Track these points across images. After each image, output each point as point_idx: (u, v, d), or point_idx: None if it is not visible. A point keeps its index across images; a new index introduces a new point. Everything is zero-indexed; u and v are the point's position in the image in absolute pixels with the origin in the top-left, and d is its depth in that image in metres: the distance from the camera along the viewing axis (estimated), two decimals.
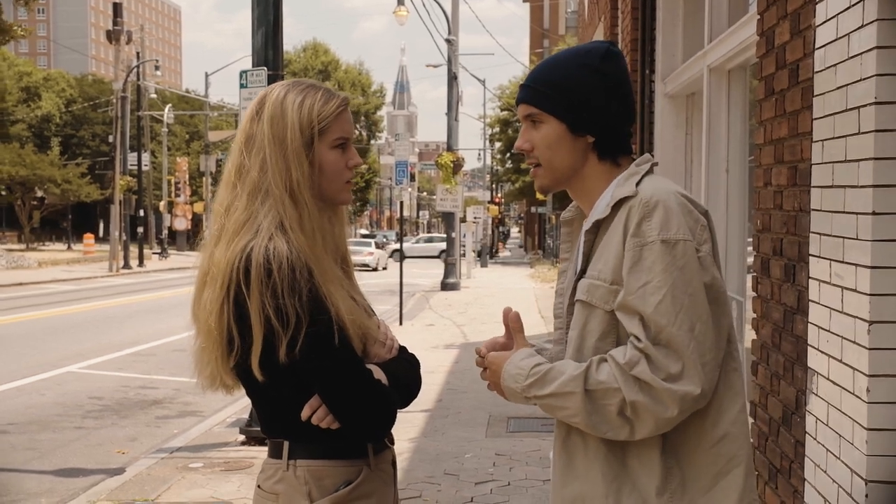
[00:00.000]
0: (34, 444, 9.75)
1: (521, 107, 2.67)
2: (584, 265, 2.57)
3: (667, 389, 2.31)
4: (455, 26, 34.24)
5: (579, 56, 2.62)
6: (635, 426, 2.36)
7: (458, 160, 32.66)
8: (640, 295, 2.36)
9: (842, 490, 3.50)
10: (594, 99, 2.56)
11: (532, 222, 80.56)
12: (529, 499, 7.31)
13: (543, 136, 2.61)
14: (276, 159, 2.60)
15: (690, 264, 2.38)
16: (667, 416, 2.34)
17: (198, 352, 2.68)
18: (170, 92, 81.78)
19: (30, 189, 65.89)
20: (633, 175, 2.55)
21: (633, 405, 2.33)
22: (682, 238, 2.39)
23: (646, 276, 2.37)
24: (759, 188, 4.78)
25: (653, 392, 2.32)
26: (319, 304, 2.50)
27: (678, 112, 8.39)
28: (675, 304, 2.34)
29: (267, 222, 2.55)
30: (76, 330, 19.74)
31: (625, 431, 2.38)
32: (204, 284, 2.62)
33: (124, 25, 44.48)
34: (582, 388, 2.38)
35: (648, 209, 2.41)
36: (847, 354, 3.45)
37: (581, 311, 2.51)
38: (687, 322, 2.34)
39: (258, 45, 9.75)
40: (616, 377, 2.35)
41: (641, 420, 2.35)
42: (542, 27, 73.98)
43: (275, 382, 2.58)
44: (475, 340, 17.67)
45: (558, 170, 2.63)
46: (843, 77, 3.51)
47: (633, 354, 2.35)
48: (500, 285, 35.12)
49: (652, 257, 2.37)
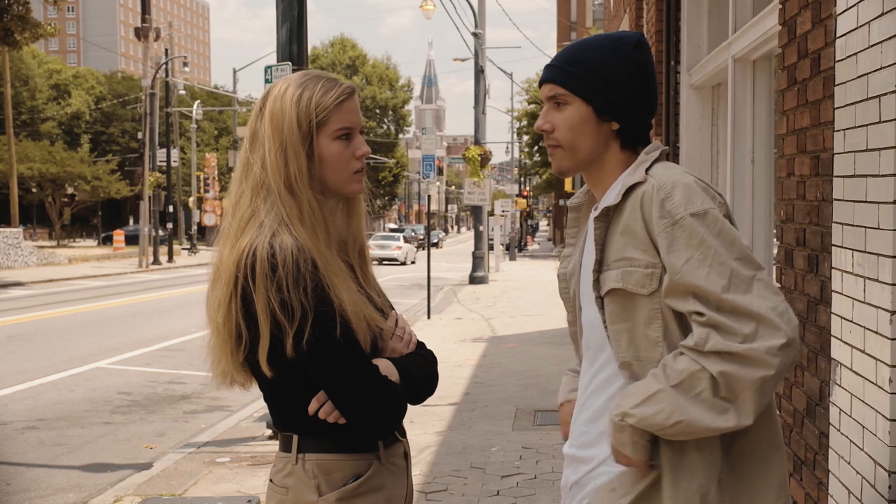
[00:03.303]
0: (63, 439, 9.80)
1: (546, 86, 2.64)
2: (600, 254, 2.54)
3: (748, 349, 2.25)
4: (482, 20, 34.22)
5: (611, 41, 2.60)
6: (737, 403, 2.29)
7: (485, 154, 32.68)
8: (687, 271, 2.33)
9: (865, 481, 3.47)
10: (623, 85, 2.55)
11: (560, 215, 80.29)
12: (556, 492, 7.29)
13: (567, 118, 2.59)
14: (274, 155, 2.60)
15: (725, 228, 2.36)
16: (762, 376, 2.25)
17: (212, 347, 2.69)
18: (198, 88, 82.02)
19: (60, 186, 66.36)
20: (643, 163, 2.53)
21: (722, 377, 2.26)
22: (709, 207, 2.37)
23: (686, 253, 2.34)
24: (782, 178, 4.75)
25: (736, 358, 2.26)
26: (324, 297, 2.50)
27: (703, 103, 8.35)
28: (724, 270, 2.31)
29: (269, 219, 2.55)
30: (106, 326, 19.85)
31: (730, 415, 2.29)
32: (215, 281, 2.63)
33: (153, 22, 44.59)
34: (667, 384, 2.33)
35: (667, 190, 2.39)
36: (869, 344, 3.42)
37: (619, 302, 2.48)
38: (742, 282, 2.30)
39: (283, 40, 9.77)
40: (694, 360, 2.30)
41: (739, 393, 2.27)
42: (570, 20, 73.79)
43: (283, 377, 2.58)
44: (503, 334, 17.67)
45: (580, 153, 2.61)
46: (864, 65, 3.48)
47: (700, 332, 2.30)
48: (528, 278, 35.05)
49: (686, 233, 2.34)
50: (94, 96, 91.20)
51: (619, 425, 2.41)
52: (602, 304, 2.54)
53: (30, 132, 79.12)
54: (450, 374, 12.67)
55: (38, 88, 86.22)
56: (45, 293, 28.22)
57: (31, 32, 30.36)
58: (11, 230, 40.33)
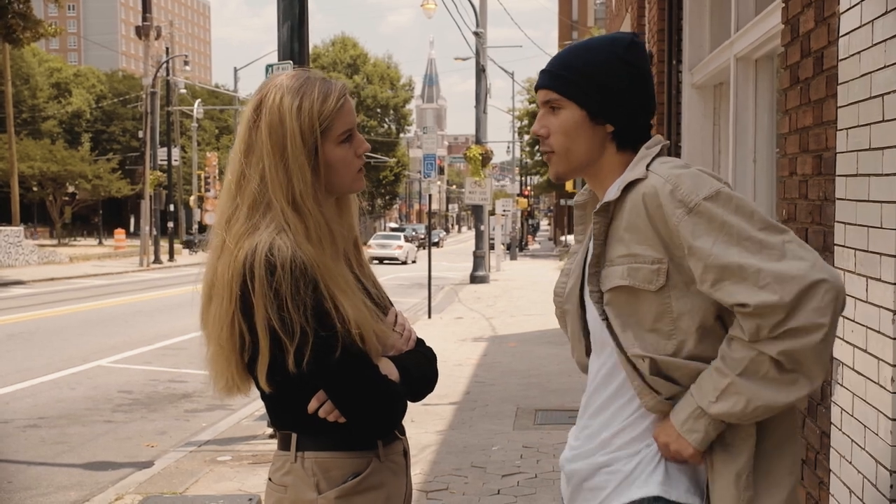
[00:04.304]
0: (64, 437, 9.80)
1: (540, 92, 2.64)
2: (599, 249, 2.54)
3: (798, 321, 2.25)
4: (483, 19, 34.19)
5: (603, 44, 2.60)
6: (803, 370, 2.30)
7: (486, 153, 32.65)
8: (719, 253, 2.32)
9: (867, 481, 3.47)
10: (616, 86, 2.55)
11: (561, 215, 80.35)
12: (556, 491, 7.28)
13: (561, 123, 2.59)
14: (276, 170, 2.53)
15: (741, 203, 2.36)
16: (819, 338, 2.27)
17: (211, 360, 2.66)
18: (199, 87, 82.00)
19: (61, 185, 66.37)
20: (643, 158, 2.53)
21: (782, 355, 2.27)
22: (719, 187, 2.37)
23: (711, 237, 2.33)
24: (785, 177, 4.74)
25: (789, 333, 2.26)
26: (325, 319, 2.46)
27: (705, 102, 8.35)
28: (754, 244, 2.31)
29: (270, 235, 2.49)
30: (107, 324, 19.84)
31: (802, 383, 2.31)
32: (210, 298, 2.60)
33: (153, 21, 44.54)
34: (733, 374, 2.33)
35: (674, 181, 2.39)
36: (871, 344, 3.42)
37: (625, 298, 2.48)
38: (774, 250, 2.30)
39: (284, 38, 9.77)
40: (752, 347, 2.30)
41: (802, 361, 2.29)
42: (571, 19, 73.84)
43: (283, 385, 2.56)
44: (504, 333, 17.67)
45: (574, 157, 2.60)
46: (868, 64, 3.48)
47: (748, 324, 2.30)
48: (529, 278, 35.05)
49: (705, 218, 2.34)
50: (95, 95, 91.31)
51: (696, 421, 2.41)
52: (601, 299, 2.54)
53: (31, 131, 79.19)
54: (451, 373, 12.66)
55: (38, 87, 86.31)
56: (46, 292, 28.24)
57: (33, 31, 30.41)
58: (12, 229, 40.35)
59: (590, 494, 2.62)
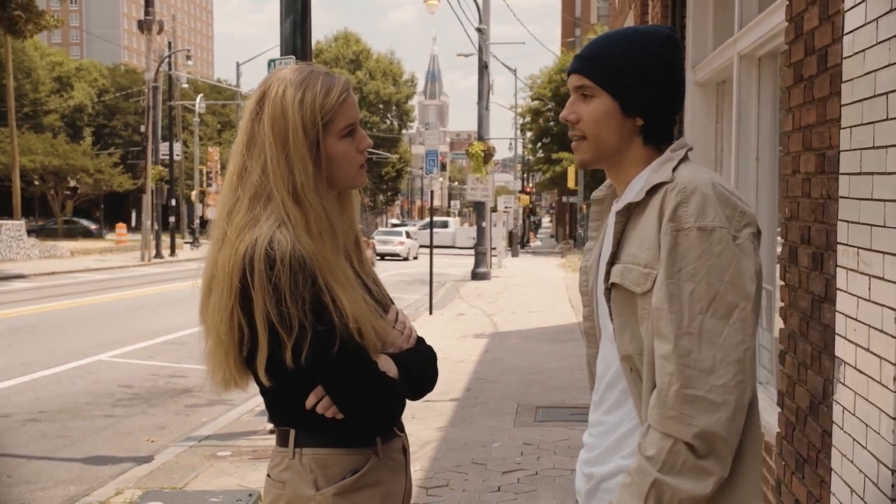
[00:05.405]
0: (65, 431, 9.80)
1: (573, 76, 2.62)
2: (615, 248, 2.54)
3: (708, 392, 2.25)
4: (486, 15, 34.15)
5: (640, 37, 2.58)
6: (714, 447, 2.26)
7: (488, 149, 32.65)
8: (676, 281, 2.32)
9: (868, 480, 3.46)
10: (650, 82, 2.53)
11: (563, 212, 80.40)
12: (557, 488, 7.29)
13: (592, 111, 2.57)
14: (277, 162, 2.53)
15: (727, 250, 2.34)
16: (726, 413, 2.25)
17: (209, 353, 2.66)
18: (201, 82, 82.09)
19: (62, 179, 66.43)
20: (669, 161, 2.51)
21: (699, 438, 2.25)
22: (719, 226, 2.35)
23: (680, 263, 2.32)
24: (788, 176, 4.73)
25: (698, 403, 2.25)
26: (324, 314, 2.46)
27: (708, 100, 8.33)
28: (711, 290, 2.30)
29: (270, 227, 2.48)
30: (108, 319, 19.86)
31: (721, 463, 2.28)
32: (210, 290, 2.59)
33: (156, 15, 44.61)
34: (654, 471, 2.28)
35: (686, 195, 2.37)
36: (874, 343, 3.41)
37: (621, 296, 2.48)
38: (722, 307, 2.29)
39: (286, 33, 9.78)
40: (662, 437, 2.28)
41: (713, 440, 2.26)
42: (574, 16, 73.84)
43: (282, 382, 2.56)
44: (505, 330, 17.68)
45: (603, 147, 2.59)
46: (872, 62, 3.47)
47: (662, 379, 2.29)
48: (530, 275, 35.07)
49: (687, 244, 2.33)
50: (97, 89, 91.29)
51: None
52: (609, 297, 2.54)
53: (32, 124, 79.09)
54: (451, 369, 12.66)
55: (40, 81, 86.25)
56: (48, 286, 28.25)
57: (35, 23, 30.39)
58: (14, 222, 40.34)
59: (607, 496, 2.60)
